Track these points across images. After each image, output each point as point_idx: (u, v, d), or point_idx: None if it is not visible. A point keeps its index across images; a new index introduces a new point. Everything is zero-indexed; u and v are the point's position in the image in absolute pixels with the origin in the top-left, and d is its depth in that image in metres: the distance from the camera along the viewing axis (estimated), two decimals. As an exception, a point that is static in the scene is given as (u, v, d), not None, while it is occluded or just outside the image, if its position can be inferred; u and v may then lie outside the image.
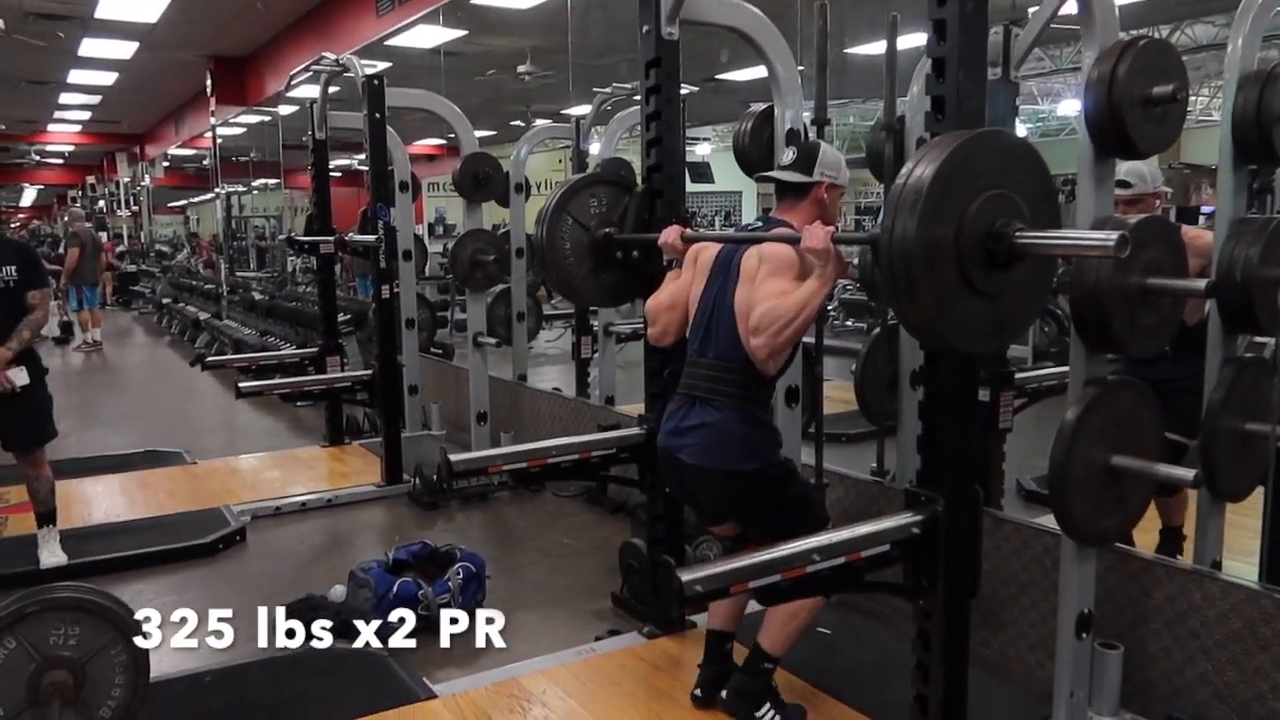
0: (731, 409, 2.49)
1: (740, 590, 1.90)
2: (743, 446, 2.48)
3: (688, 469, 2.54)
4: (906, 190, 1.81)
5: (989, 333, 1.92)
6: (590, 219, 3.22)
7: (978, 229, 1.82)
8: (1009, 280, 1.89)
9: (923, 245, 1.77)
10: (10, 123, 18.84)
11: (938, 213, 1.79)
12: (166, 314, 14.08)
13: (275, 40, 11.45)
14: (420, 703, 2.80)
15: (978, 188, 1.83)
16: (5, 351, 3.71)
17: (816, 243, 2.23)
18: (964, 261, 1.82)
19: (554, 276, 3.29)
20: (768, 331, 2.32)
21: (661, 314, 2.76)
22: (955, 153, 1.82)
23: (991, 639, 3.01)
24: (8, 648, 2.43)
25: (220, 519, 4.55)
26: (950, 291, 1.82)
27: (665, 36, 2.88)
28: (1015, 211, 1.87)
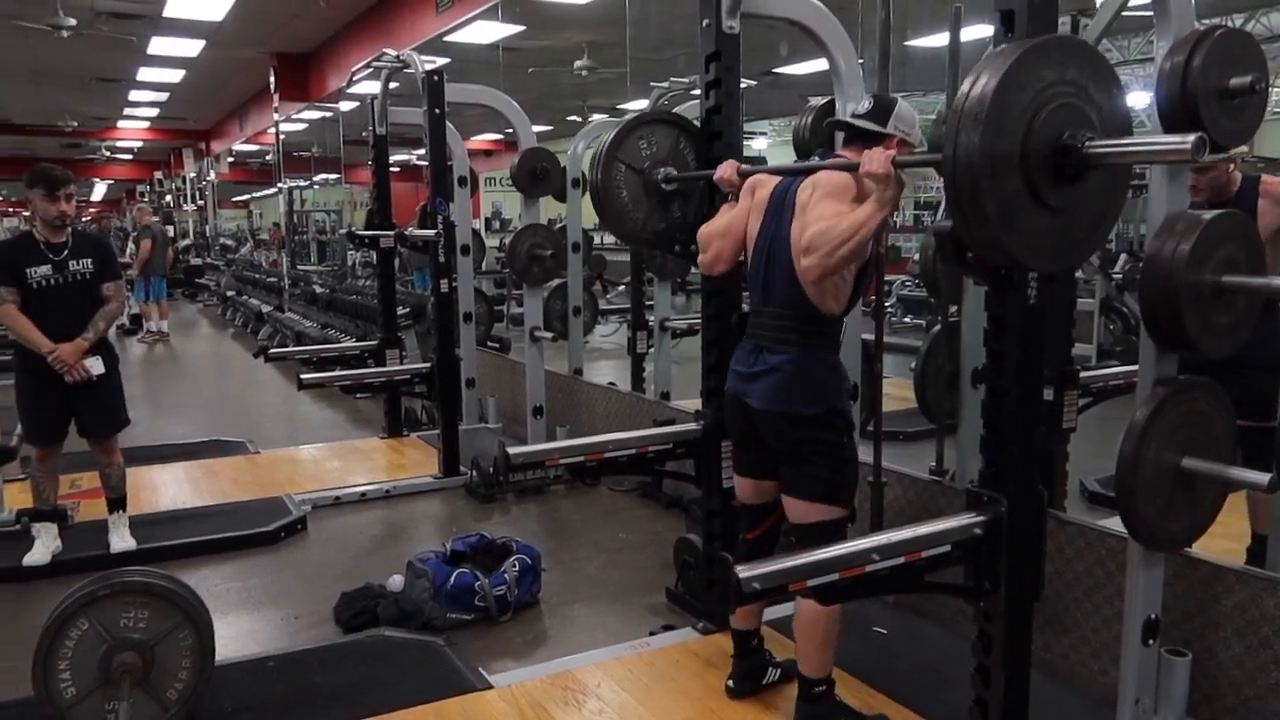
0: (798, 351, 2.44)
1: (798, 588, 1.88)
2: (810, 389, 2.44)
3: (756, 414, 2.51)
4: (970, 103, 1.75)
5: (1058, 249, 1.86)
6: (643, 162, 3.23)
7: (1045, 140, 1.76)
8: (1079, 194, 1.83)
9: (987, 158, 1.71)
10: (83, 119, 19.40)
11: (1001, 124, 1.72)
12: (230, 306, 14.41)
13: (337, 37, 11.63)
14: (477, 693, 2.82)
15: (1044, 98, 1.77)
16: (82, 341, 3.82)
17: (877, 166, 2.13)
18: (1031, 174, 1.76)
19: (613, 224, 3.33)
20: (819, 252, 2.22)
21: (714, 240, 2.68)
22: (1020, 61, 1.75)
23: (1053, 642, 2.96)
24: (80, 629, 2.52)
25: (282, 508, 4.65)
26: (1016, 205, 1.76)
27: (726, 30, 2.87)
28: (1085, 122, 1.81)
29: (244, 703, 2.80)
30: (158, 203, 26.11)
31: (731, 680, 2.78)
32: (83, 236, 3.99)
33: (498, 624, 3.44)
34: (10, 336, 3.97)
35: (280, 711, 2.76)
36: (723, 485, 3.10)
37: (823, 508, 2.46)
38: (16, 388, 3.96)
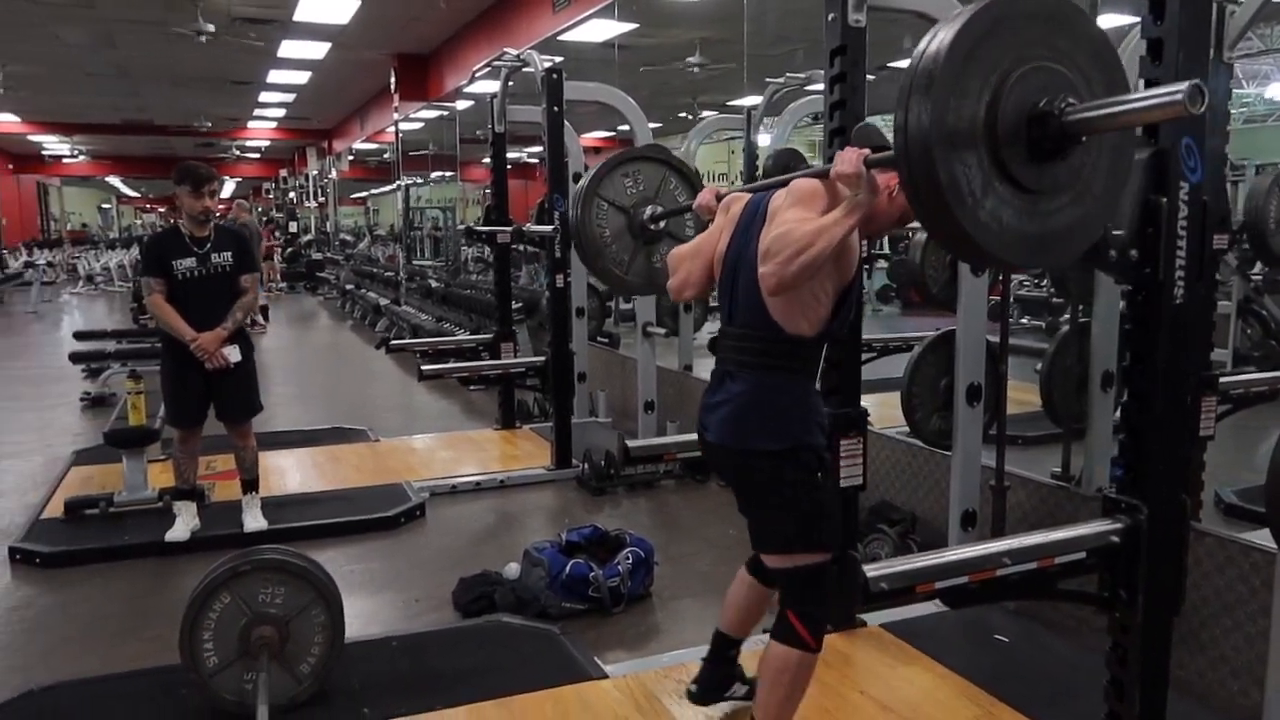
0: (758, 379, 2.16)
1: (926, 590, 1.85)
2: (770, 420, 2.13)
3: (713, 449, 2.26)
4: (923, 63, 1.54)
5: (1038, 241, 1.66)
6: (627, 200, 3.11)
7: (1016, 107, 1.56)
8: (1063, 174, 1.62)
9: (940, 129, 1.51)
10: (216, 120, 20.40)
11: (959, 88, 1.51)
12: (349, 299, 14.94)
13: (455, 37, 11.92)
14: (592, 681, 2.86)
15: (1016, 59, 1.57)
16: (221, 331, 4.02)
17: (846, 165, 1.92)
18: (997, 147, 1.56)
19: (595, 266, 3.19)
20: (777, 258, 1.93)
21: (683, 262, 2.42)
22: (983, 16, 1.54)
23: (1188, 660, 2.83)
24: (223, 602, 2.66)
25: (402, 494, 4.80)
26: (979, 185, 1.56)
27: (852, 23, 2.83)
28: (1067, 89, 1.59)
29: (370, 680, 2.90)
30: (282, 199, 27.30)
31: (694, 684, 2.65)
32: (224, 231, 4.19)
33: (610, 615, 3.48)
34: (157, 325, 4.21)
35: (404, 690, 2.85)
36: (840, 484, 3.06)
37: (798, 555, 2.19)
38: (161, 374, 4.21)
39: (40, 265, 17.48)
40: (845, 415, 3.07)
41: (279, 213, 26.59)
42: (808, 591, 2.21)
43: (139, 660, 3.13)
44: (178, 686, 2.77)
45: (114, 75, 14.76)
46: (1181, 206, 1.85)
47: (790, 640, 2.21)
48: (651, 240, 3.13)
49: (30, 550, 4.07)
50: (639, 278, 3.17)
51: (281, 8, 10.54)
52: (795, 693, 2.24)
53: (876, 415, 3.22)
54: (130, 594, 3.78)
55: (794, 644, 2.21)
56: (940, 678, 2.86)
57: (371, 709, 2.73)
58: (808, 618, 2.21)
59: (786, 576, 2.24)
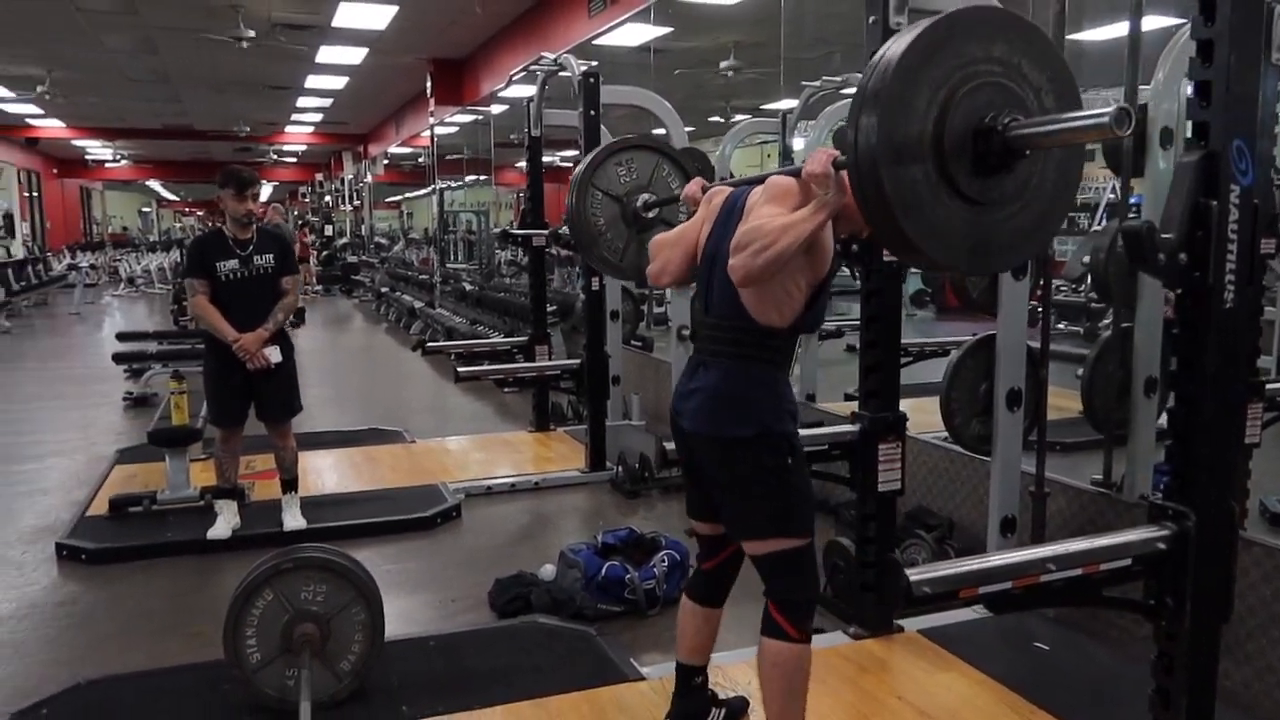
0: (729, 367, 2.21)
1: (970, 595, 1.83)
2: (740, 408, 2.19)
3: (689, 437, 2.29)
4: (873, 79, 1.61)
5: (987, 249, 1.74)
6: (620, 189, 3.16)
7: (962, 123, 1.63)
8: (1010, 186, 1.70)
9: (888, 143, 1.58)
10: (254, 125, 20.66)
11: (907, 104, 1.59)
12: (384, 302, 15.08)
13: (490, 42, 11.99)
14: (629, 683, 2.87)
15: (963, 76, 1.63)
16: (263, 331, 4.08)
17: (816, 166, 1.97)
18: (944, 161, 1.63)
19: (590, 254, 3.26)
20: (745, 251, 1.99)
21: (663, 249, 2.46)
22: (932, 34, 1.61)
23: (1234, 670, 2.79)
24: (266, 599, 2.69)
25: (438, 495, 4.84)
26: (926, 198, 1.64)
27: (893, 26, 2.82)
28: (1014, 104, 1.66)
29: (408, 679, 2.92)
30: (318, 203, 27.61)
31: (669, 718, 2.59)
32: (265, 233, 4.25)
33: (646, 617, 3.49)
34: (200, 325, 4.28)
35: (441, 689, 2.87)
36: (878, 489, 3.05)
37: (774, 541, 2.22)
38: (204, 374, 4.28)
39: (83, 268, 17.81)
40: (884, 419, 3.07)
41: (315, 216, 26.90)
42: (785, 580, 2.23)
43: (182, 655, 3.18)
44: (221, 682, 2.82)
45: (155, 81, 15.01)
46: (1232, 209, 1.82)
47: (775, 633, 2.22)
48: (645, 228, 3.19)
49: (77, 547, 4.15)
50: (632, 265, 3.22)
51: (320, 14, 10.66)
52: (794, 688, 2.23)
53: (914, 420, 3.21)
54: (173, 590, 3.84)
55: (780, 637, 2.22)
56: (979, 684, 2.83)
57: (410, 707, 2.76)
58: (788, 606, 2.22)
59: (766, 563, 2.25)
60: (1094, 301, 8.03)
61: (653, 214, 3.19)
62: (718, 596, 2.53)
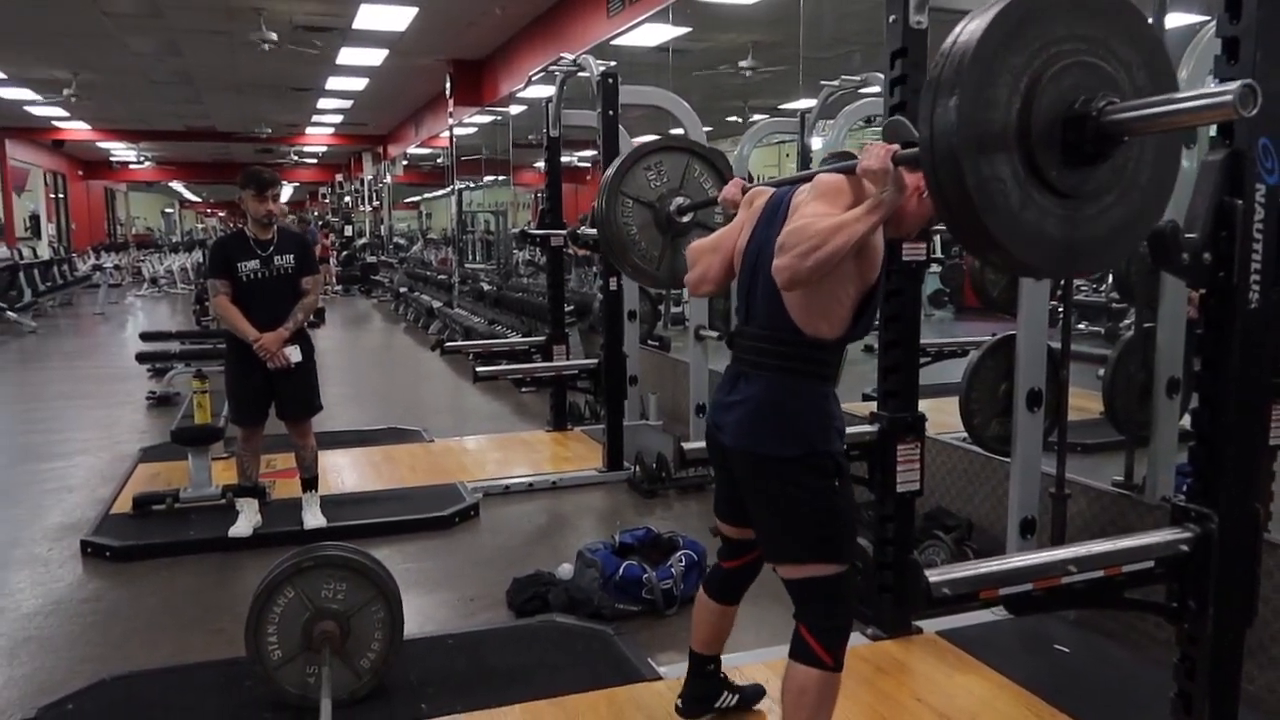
0: (773, 380, 2.08)
1: (990, 596, 1.82)
2: (785, 425, 2.06)
3: (729, 452, 2.17)
4: (948, 65, 1.47)
5: (1077, 251, 1.61)
6: (651, 194, 3.06)
7: (1051, 109, 1.50)
8: (1104, 178, 1.56)
9: (970, 134, 1.45)
10: (276, 126, 20.83)
11: (987, 90, 1.45)
12: (402, 302, 15.14)
13: (509, 43, 12.03)
14: (646, 682, 2.87)
15: (1049, 57, 1.50)
16: (283, 331, 4.11)
17: (873, 161, 1.86)
18: (1032, 153, 1.50)
19: (624, 263, 3.16)
20: (793, 251, 1.86)
21: (702, 256, 2.36)
22: (1012, 11, 1.46)
23: (1257, 674, 2.76)
24: (287, 597, 2.71)
25: (456, 494, 4.86)
26: (1013, 194, 1.50)
27: (914, 25, 2.81)
28: (1107, 84, 1.52)
29: (427, 677, 2.94)
30: (337, 204, 27.76)
31: (681, 700, 2.61)
32: (286, 234, 4.28)
33: (664, 617, 3.49)
34: (222, 325, 4.32)
35: (460, 687, 2.88)
36: (897, 489, 3.04)
37: (813, 566, 2.12)
38: (225, 373, 4.31)
39: (107, 268, 17.97)
40: (903, 420, 3.06)
41: (335, 217, 27.06)
42: (822, 605, 2.13)
43: (205, 652, 3.21)
44: (243, 678, 2.84)
45: (178, 83, 15.15)
46: (1257, 208, 1.80)
47: (806, 659, 2.12)
48: (681, 233, 3.10)
49: (101, 544, 4.19)
50: (668, 273, 3.14)
51: (341, 16, 10.73)
52: (819, 716, 2.12)
53: (932, 420, 3.19)
54: (196, 588, 3.88)
55: (810, 663, 2.11)
56: (998, 686, 2.82)
57: (428, 705, 2.77)
58: (823, 632, 2.11)
59: (799, 588, 2.15)
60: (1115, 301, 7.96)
61: (687, 218, 3.12)
62: (736, 595, 2.53)
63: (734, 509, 2.35)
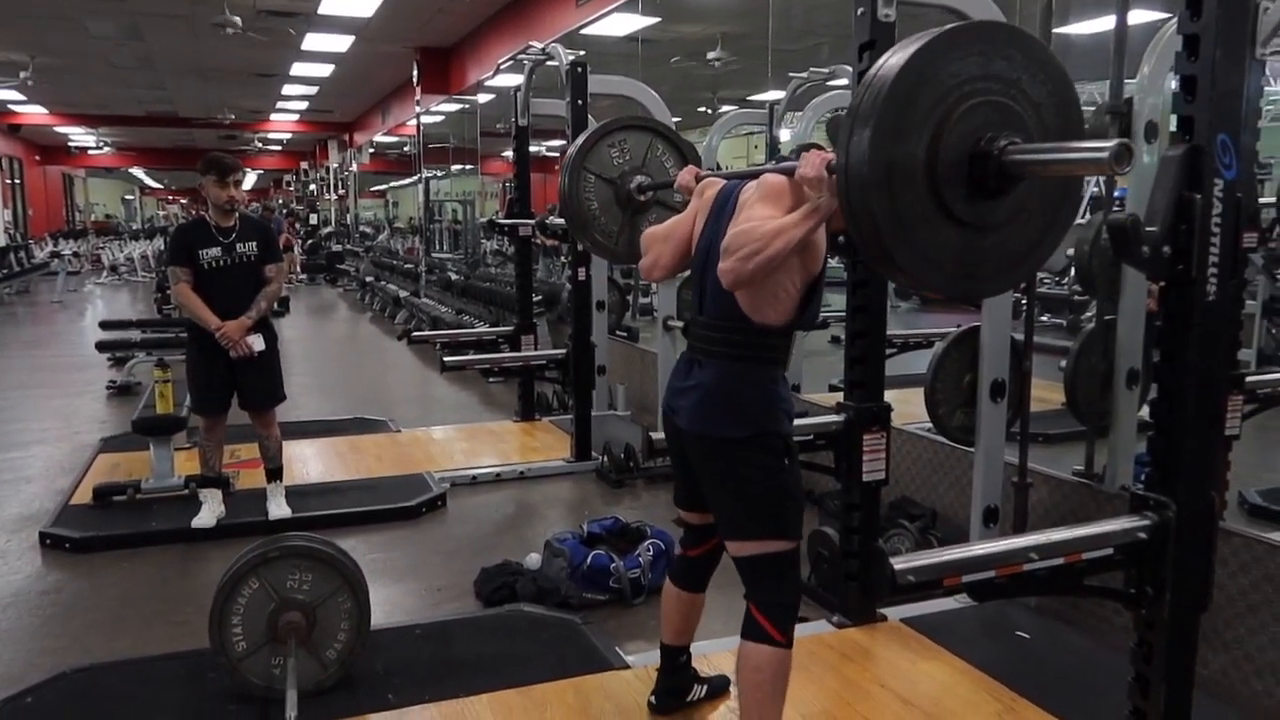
0: (725, 366, 2.18)
1: (953, 583, 1.85)
2: (738, 409, 2.16)
3: (684, 436, 2.26)
4: (865, 98, 1.57)
5: (977, 274, 1.73)
6: (613, 171, 3.14)
7: (957, 148, 1.60)
8: (1005, 209, 1.67)
9: (880, 165, 1.55)
10: (239, 112, 20.54)
11: (901, 125, 1.55)
12: (369, 291, 15.01)
13: (478, 31, 11.95)
14: (614, 671, 2.88)
15: (960, 94, 1.60)
16: (246, 320, 4.06)
17: (809, 170, 1.95)
18: (938, 186, 1.61)
19: (585, 237, 3.26)
20: (736, 255, 1.97)
21: (655, 244, 2.45)
22: (937, 43, 1.56)
23: (1211, 658, 2.82)
24: (252, 587, 2.69)
25: (423, 484, 4.84)
26: (916, 221, 1.61)
27: (881, 18, 2.83)
28: (1014, 124, 1.62)
29: (394, 667, 2.93)
30: (303, 191, 27.45)
31: (654, 696, 2.65)
32: (248, 221, 4.23)
33: (631, 606, 3.50)
34: (183, 313, 4.26)
35: (427, 677, 2.87)
36: (863, 478, 3.07)
37: (764, 542, 2.19)
38: (187, 362, 4.25)
39: (66, 255, 17.67)
40: (869, 410, 3.09)
41: (300, 205, 26.75)
42: (772, 582, 2.21)
43: (168, 644, 3.17)
44: (207, 670, 2.82)
45: (139, 67, 14.89)
46: (1215, 203, 1.84)
47: (758, 637, 2.18)
48: (640, 210, 3.19)
49: (60, 535, 4.13)
50: (626, 248, 3.22)
51: (307, 1, 10.59)
52: (775, 692, 2.19)
53: (898, 411, 3.23)
54: (158, 579, 3.83)
55: (762, 640, 2.17)
56: (961, 673, 2.86)
57: (395, 695, 2.76)
58: (772, 609, 2.18)
59: (750, 565, 2.22)
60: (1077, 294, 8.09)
61: (647, 196, 3.18)
62: (701, 582, 2.55)
63: (693, 495, 2.41)
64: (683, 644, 2.63)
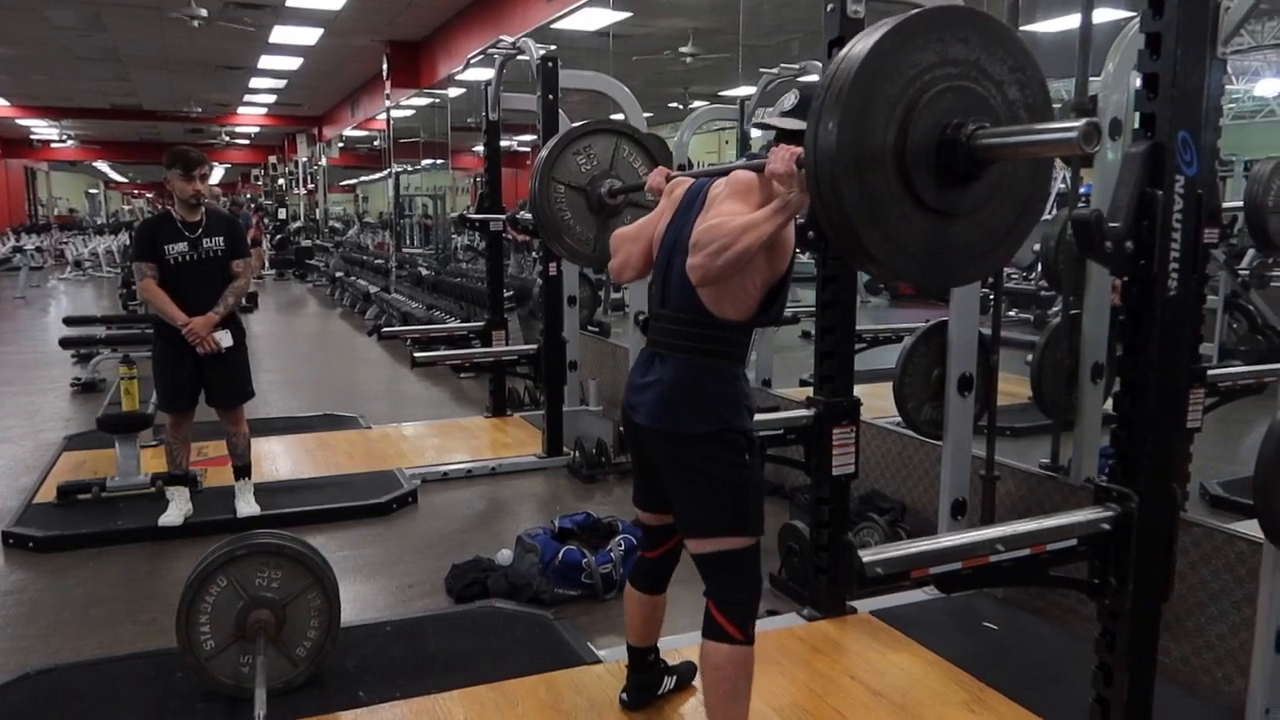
0: (687, 361, 2.17)
1: (921, 575, 1.87)
2: (700, 404, 2.15)
3: (643, 431, 2.24)
4: (832, 85, 1.57)
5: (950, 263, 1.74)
6: (582, 179, 3.15)
7: (925, 135, 1.61)
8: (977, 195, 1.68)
9: (849, 157, 1.56)
10: (206, 106, 20.29)
11: (866, 114, 1.56)
12: (338, 287, 14.89)
13: (448, 25, 11.87)
14: (585, 666, 2.89)
15: (928, 79, 1.61)
16: (213, 315, 4.02)
17: (778, 165, 1.95)
18: (908, 173, 1.61)
19: (560, 246, 3.27)
20: (705, 250, 1.97)
21: (624, 244, 2.43)
22: (893, 35, 1.57)
23: (1173, 647, 2.88)
24: (220, 585, 2.66)
25: (394, 481, 4.81)
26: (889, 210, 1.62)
27: (851, 15, 2.84)
28: (980, 107, 1.63)
29: (365, 664, 2.91)
30: (271, 186, 27.16)
31: (625, 694, 2.65)
32: (215, 216, 4.18)
33: (603, 601, 3.51)
34: (149, 309, 4.21)
35: (398, 674, 2.86)
36: (833, 472, 3.10)
37: (724, 539, 2.18)
38: (153, 359, 4.20)
39: (28, 251, 17.38)
40: (838, 404, 3.11)
41: (268, 199, 26.47)
42: (730, 579, 2.20)
43: (135, 643, 3.14)
44: (174, 669, 2.79)
45: (103, 59, 14.66)
46: (1176, 199, 1.87)
47: (717, 635, 2.18)
48: (614, 214, 3.19)
49: (24, 535, 4.06)
50: (603, 253, 3.21)
51: (273, -8, 10.49)
52: (738, 690, 2.18)
53: (867, 405, 3.25)
54: (124, 578, 3.78)
55: (721, 638, 2.17)
56: (929, 664, 2.89)
57: (366, 692, 2.75)
58: (730, 607, 2.18)
59: (709, 563, 2.21)
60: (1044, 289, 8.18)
61: (619, 200, 3.19)
62: (661, 583, 2.55)
63: (652, 495, 2.40)
64: (648, 644, 2.63)
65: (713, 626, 2.19)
